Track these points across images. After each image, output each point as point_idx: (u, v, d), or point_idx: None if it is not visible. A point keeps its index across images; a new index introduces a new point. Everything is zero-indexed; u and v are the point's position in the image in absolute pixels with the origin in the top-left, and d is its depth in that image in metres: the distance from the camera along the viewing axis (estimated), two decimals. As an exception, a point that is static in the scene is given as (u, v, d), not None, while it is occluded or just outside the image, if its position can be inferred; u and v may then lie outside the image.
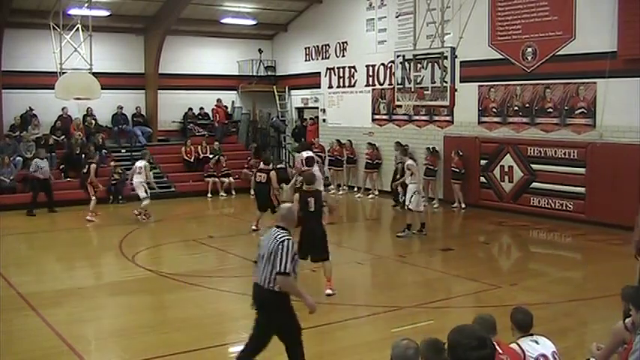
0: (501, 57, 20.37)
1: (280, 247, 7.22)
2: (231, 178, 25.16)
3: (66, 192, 22.34)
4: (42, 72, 23.29)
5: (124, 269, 14.25)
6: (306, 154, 19.45)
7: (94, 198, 20.25)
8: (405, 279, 13.61)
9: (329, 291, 11.88)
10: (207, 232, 17.93)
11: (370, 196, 23.97)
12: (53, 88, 21.45)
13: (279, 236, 7.33)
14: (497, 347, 5.65)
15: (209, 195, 24.50)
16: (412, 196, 16.62)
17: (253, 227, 17.50)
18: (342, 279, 13.82)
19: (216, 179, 24.91)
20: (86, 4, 21.60)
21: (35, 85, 24.18)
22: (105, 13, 24.15)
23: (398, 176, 22.33)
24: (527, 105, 19.85)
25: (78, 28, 21.48)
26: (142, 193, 19.95)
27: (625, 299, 6.50)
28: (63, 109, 25.09)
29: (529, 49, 19.58)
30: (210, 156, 25.85)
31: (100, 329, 10.43)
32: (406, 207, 16.89)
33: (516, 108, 20.17)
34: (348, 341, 9.59)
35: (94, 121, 25.70)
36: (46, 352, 9.15)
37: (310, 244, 11.68)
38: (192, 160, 26.02)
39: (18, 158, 22.94)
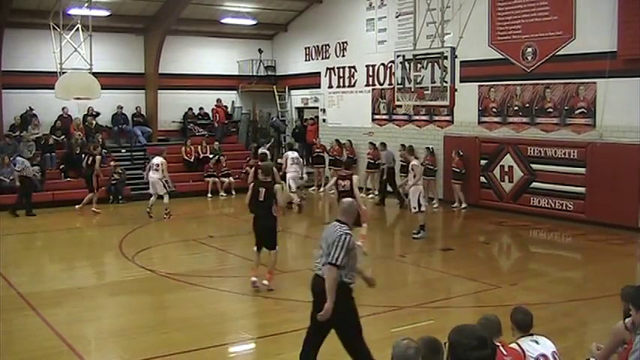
0: (501, 57, 20.38)
1: (338, 239, 7.40)
2: (231, 178, 25.15)
3: (66, 192, 22.36)
4: (42, 72, 23.28)
5: (124, 269, 14.25)
6: (292, 153, 20.99)
7: (96, 192, 20.63)
8: (405, 279, 13.63)
9: (266, 282, 12.14)
10: (208, 232, 17.93)
11: (370, 196, 23.96)
12: (53, 88, 21.45)
13: (339, 230, 7.52)
14: (502, 348, 5.65)
15: (209, 195, 24.50)
16: (418, 196, 16.61)
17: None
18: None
19: (216, 179, 24.90)
20: (86, 4, 21.60)
21: (35, 85, 24.17)
22: (105, 13, 24.15)
23: (384, 177, 22.55)
24: (527, 105, 19.86)
25: (78, 28, 21.48)
26: (161, 189, 20.17)
27: (625, 299, 6.49)
28: (63, 108, 25.09)
29: (529, 49, 19.59)
30: (210, 156, 25.84)
31: (100, 329, 10.43)
32: (415, 209, 16.78)
33: (516, 108, 20.17)
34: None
35: (94, 122, 25.67)
36: (46, 352, 9.15)
37: (263, 233, 12.25)
38: (192, 160, 26.01)
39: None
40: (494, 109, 20.82)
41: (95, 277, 14.16)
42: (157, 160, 20.37)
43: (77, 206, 20.34)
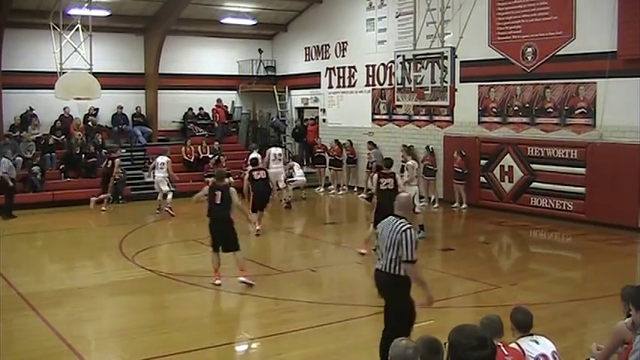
0: (501, 57, 20.37)
1: (404, 235, 7.65)
2: (231, 178, 25.08)
3: (66, 192, 22.37)
4: (42, 72, 23.29)
5: (124, 269, 14.25)
6: (275, 149, 21.83)
7: (109, 193, 21.51)
8: (405, 279, 13.59)
9: (242, 278, 12.44)
10: (207, 232, 17.86)
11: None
12: (53, 88, 21.46)
13: (402, 226, 7.73)
14: (503, 348, 5.65)
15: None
16: (413, 197, 16.57)
17: (257, 228, 17.55)
18: (342, 279, 13.87)
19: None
20: (86, 4, 21.61)
21: (35, 85, 24.18)
22: (105, 13, 24.15)
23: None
24: (527, 105, 19.86)
25: (78, 28, 21.49)
26: (164, 187, 20.74)
27: (625, 299, 6.49)
28: (64, 109, 25.11)
29: (529, 49, 19.59)
30: (210, 156, 25.83)
31: (100, 329, 10.43)
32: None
33: (516, 108, 20.17)
34: (349, 341, 9.59)
35: (96, 120, 25.69)
36: (46, 352, 9.15)
37: (219, 235, 12.65)
38: (192, 160, 26.00)
39: (18, 158, 22.93)
40: (494, 109, 20.82)
41: (95, 277, 14.12)
42: (162, 159, 21.00)
43: (103, 208, 20.55)
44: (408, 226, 7.77)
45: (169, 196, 20.63)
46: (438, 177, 21.97)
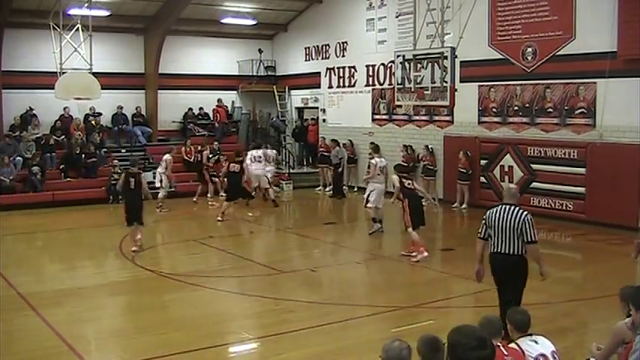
0: (501, 57, 20.37)
1: (526, 220, 8.69)
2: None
3: (66, 192, 22.38)
4: (42, 72, 23.31)
5: (124, 269, 14.27)
6: (255, 152, 22.59)
7: (210, 183, 23.58)
8: (405, 279, 13.60)
9: (135, 248, 15.23)
10: (207, 232, 17.92)
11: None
12: (53, 88, 21.46)
13: (521, 213, 8.78)
14: (502, 348, 5.65)
15: (209, 195, 24.45)
16: (370, 194, 17.14)
17: (219, 218, 19.04)
18: (342, 279, 13.86)
19: (216, 179, 24.83)
20: (86, 4, 21.60)
21: (35, 85, 24.21)
22: (105, 13, 24.16)
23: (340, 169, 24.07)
24: (527, 105, 19.86)
25: (78, 28, 21.49)
26: (158, 183, 21.60)
27: (624, 299, 6.48)
28: (65, 109, 25.12)
29: (529, 49, 19.59)
30: (210, 156, 25.79)
31: (99, 329, 10.43)
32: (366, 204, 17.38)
33: (516, 108, 20.17)
34: (349, 341, 9.58)
35: (99, 122, 25.73)
36: (46, 352, 9.15)
37: (132, 212, 15.44)
38: (192, 160, 25.97)
39: (18, 158, 22.97)
40: (494, 109, 20.82)
41: (95, 277, 14.12)
42: (166, 156, 21.93)
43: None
44: (526, 212, 8.81)
45: (160, 193, 21.31)
46: (437, 177, 21.95)
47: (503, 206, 8.97)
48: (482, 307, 9.93)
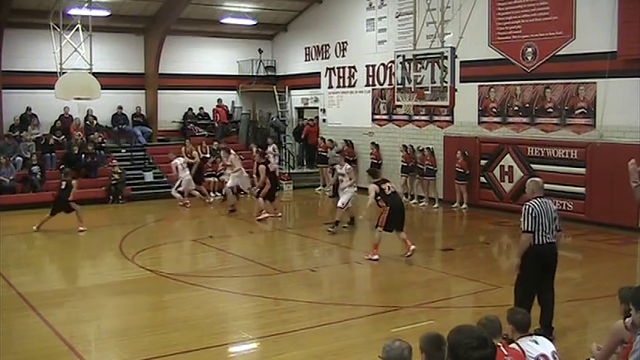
0: (501, 57, 20.38)
1: (557, 212, 9.61)
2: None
3: (66, 192, 22.36)
4: (42, 72, 23.35)
5: (124, 269, 14.26)
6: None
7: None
8: (405, 279, 13.60)
9: (82, 228, 17.59)
10: (207, 232, 17.92)
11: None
12: (53, 88, 21.47)
13: (552, 203, 9.58)
14: (502, 348, 5.66)
15: (210, 194, 24.46)
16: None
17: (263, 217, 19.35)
18: (342, 279, 13.86)
19: (216, 179, 24.84)
20: (86, 4, 21.60)
21: (35, 85, 24.23)
22: (105, 13, 24.17)
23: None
24: (527, 105, 19.86)
25: (78, 28, 21.49)
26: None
27: (624, 300, 6.48)
28: (65, 108, 25.13)
29: (529, 49, 19.59)
30: (209, 156, 25.79)
31: (99, 329, 10.43)
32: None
33: (516, 108, 20.17)
34: (349, 341, 9.58)
35: (94, 121, 25.76)
36: (45, 352, 9.15)
37: (60, 207, 17.92)
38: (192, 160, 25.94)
39: (18, 158, 22.98)
40: (494, 109, 20.83)
41: (95, 277, 14.13)
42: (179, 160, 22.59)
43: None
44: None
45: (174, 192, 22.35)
46: (438, 177, 21.95)
47: (541, 199, 9.44)
48: (482, 307, 9.95)
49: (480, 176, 20.91)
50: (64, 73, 21.47)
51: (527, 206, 9.30)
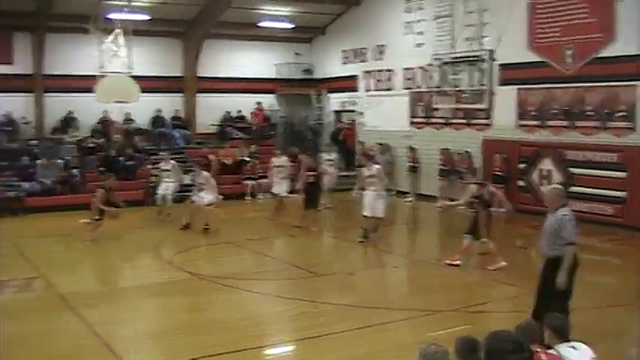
0: (540, 59, 20.19)
1: None
2: (268, 180, 25.10)
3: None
4: (82, 76, 23.63)
5: (162, 271, 14.38)
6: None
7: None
8: (441, 283, 13.53)
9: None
10: (245, 235, 17.98)
11: (409, 199, 23.89)
12: (93, 92, 21.72)
13: None
14: (541, 355, 5.61)
15: (247, 197, 24.57)
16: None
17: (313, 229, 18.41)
18: (378, 282, 13.85)
19: (254, 182, 24.95)
20: (126, 9, 21.82)
21: (76, 88, 24.56)
22: (144, 17, 24.36)
23: None
24: (566, 108, 19.66)
25: (118, 32, 21.71)
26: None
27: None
28: (104, 112, 25.41)
29: (569, 52, 19.39)
30: (248, 159, 25.91)
31: (137, 330, 10.50)
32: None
33: (555, 111, 19.98)
34: (385, 344, 9.56)
35: (133, 124, 26.03)
36: (84, 352, 9.25)
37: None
38: (230, 162, 26.09)
39: (59, 160, 23.28)
40: (532, 113, 20.63)
41: (133, 278, 14.25)
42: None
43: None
44: None
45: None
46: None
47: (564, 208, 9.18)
48: (520, 312, 9.85)
49: (518, 180, 20.74)
50: (104, 76, 21.72)
51: (567, 215, 8.97)
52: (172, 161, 21.24)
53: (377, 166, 17.16)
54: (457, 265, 13.98)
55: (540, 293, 9.19)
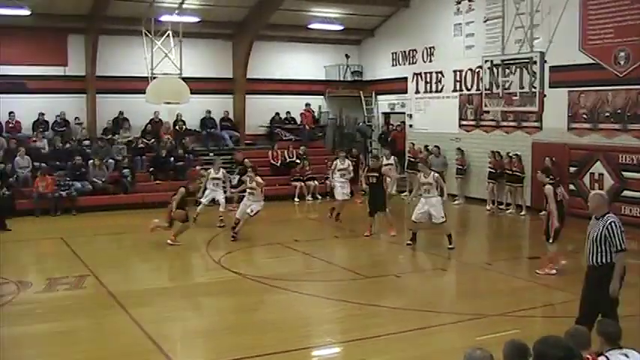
0: (592, 61, 19.91)
1: None
2: (316, 182, 25.21)
3: (154, 194, 22.79)
4: (134, 77, 23.93)
5: (211, 271, 14.50)
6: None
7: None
8: (490, 287, 13.44)
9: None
10: (293, 236, 18.02)
11: (457, 201, 23.75)
12: (144, 93, 21.99)
13: None
14: (593, 362, 5.55)
15: (296, 199, 24.63)
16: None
17: (366, 234, 17.86)
18: (426, 285, 13.79)
19: (303, 183, 25.02)
20: (177, 11, 22.05)
21: (127, 90, 24.90)
22: (195, 19, 24.57)
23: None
24: (619, 111, 19.36)
25: (169, 34, 21.97)
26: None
27: None
28: (155, 113, 25.71)
29: (622, 54, 19.10)
30: (297, 161, 25.99)
31: (186, 329, 10.62)
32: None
33: (607, 114, 19.69)
34: (432, 347, 9.54)
35: (183, 125, 26.28)
36: (133, 350, 9.36)
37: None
38: (278, 164, 26.21)
39: (110, 160, 23.61)
40: (584, 115, 20.36)
41: (182, 278, 14.40)
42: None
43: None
44: None
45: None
46: (525, 184, 21.57)
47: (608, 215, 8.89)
48: (570, 318, 9.73)
49: (569, 184, 20.47)
50: (154, 78, 21.97)
51: (616, 222, 8.68)
52: (223, 170, 20.69)
53: (435, 174, 16.64)
54: (553, 274, 13.68)
55: (586, 301, 8.90)
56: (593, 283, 8.84)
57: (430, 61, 26.63)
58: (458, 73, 25.15)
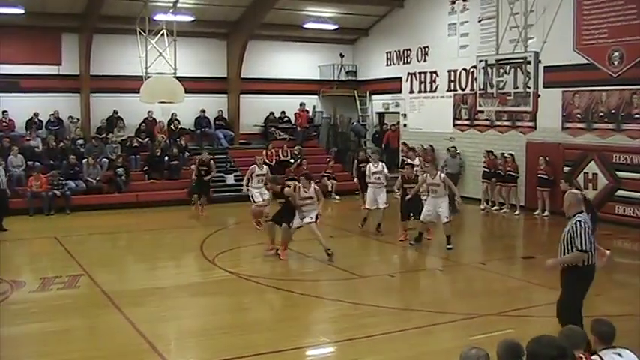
0: (586, 62, 19.94)
1: None
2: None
3: (149, 193, 22.84)
4: (128, 76, 23.92)
5: (205, 270, 14.48)
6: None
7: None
8: (484, 286, 13.45)
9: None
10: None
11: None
12: (138, 92, 21.96)
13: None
14: (586, 360, 5.55)
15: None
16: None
17: (401, 239, 17.22)
18: (421, 285, 13.80)
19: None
20: (171, 10, 22.03)
21: (121, 89, 24.87)
22: (189, 18, 24.54)
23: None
24: (612, 111, 19.40)
25: (163, 33, 21.94)
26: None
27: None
28: (149, 112, 25.69)
29: (616, 54, 19.14)
30: (292, 160, 25.97)
31: (180, 328, 10.61)
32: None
33: (601, 114, 19.73)
34: (426, 347, 9.54)
35: (178, 124, 26.26)
36: (128, 349, 9.34)
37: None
38: (273, 163, 26.16)
39: (104, 160, 23.59)
40: (578, 115, 20.40)
41: (176, 277, 14.36)
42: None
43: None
44: None
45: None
46: (519, 184, 21.61)
47: (584, 214, 8.76)
48: (564, 317, 9.76)
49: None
50: (149, 77, 21.95)
51: (582, 222, 8.59)
52: (266, 167, 19.51)
53: (442, 175, 16.39)
54: None
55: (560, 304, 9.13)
56: (562, 285, 9.22)
57: (424, 60, 26.64)
58: (452, 72, 25.18)
